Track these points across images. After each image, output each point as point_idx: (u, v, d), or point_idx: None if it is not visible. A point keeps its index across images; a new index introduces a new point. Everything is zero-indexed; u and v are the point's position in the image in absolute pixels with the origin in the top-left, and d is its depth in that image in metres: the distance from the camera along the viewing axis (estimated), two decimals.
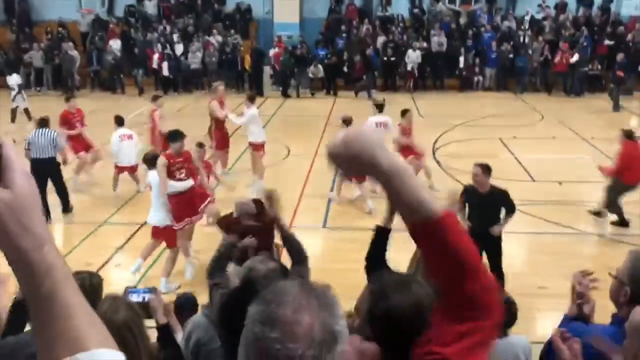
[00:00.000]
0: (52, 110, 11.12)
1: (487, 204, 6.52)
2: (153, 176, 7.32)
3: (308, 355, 1.05)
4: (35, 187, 0.85)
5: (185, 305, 4.68)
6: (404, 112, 10.22)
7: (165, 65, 20.52)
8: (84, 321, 0.81)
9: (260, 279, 2.86)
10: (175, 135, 7.34)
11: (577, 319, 2.61)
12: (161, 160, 7.17)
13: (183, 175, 7.23)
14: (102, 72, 21.56)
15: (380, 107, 10.48)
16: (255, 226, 5.33)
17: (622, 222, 8.72)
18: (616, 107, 17.14)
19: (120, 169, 10.31)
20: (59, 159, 9.49)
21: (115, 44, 21.68)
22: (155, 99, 11.42)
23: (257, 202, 6.01)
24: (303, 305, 1.09)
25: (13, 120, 15.82)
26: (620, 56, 18.34)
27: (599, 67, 20.22)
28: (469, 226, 6.31)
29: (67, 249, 7.94)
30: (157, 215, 7.28)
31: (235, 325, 2.43)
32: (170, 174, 7.12)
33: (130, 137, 10.29)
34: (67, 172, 9.86)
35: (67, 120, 10.82)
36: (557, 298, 6.39)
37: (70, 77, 20.97)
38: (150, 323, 3.06)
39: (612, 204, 8.67)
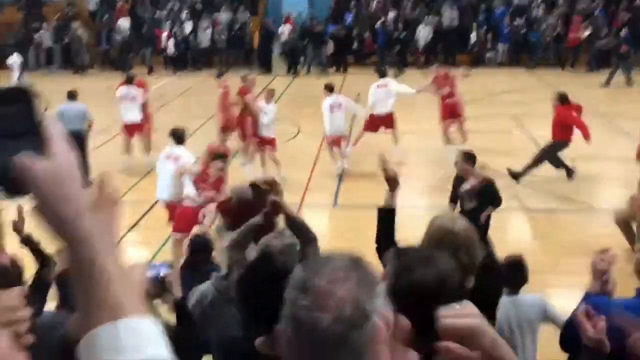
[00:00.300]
0: (61, 89, 11.12)
1: (478, 195, 6.42)
2: (181, 152, 7.34)
3: (334, 329, 1.05)
4: (75, 158, 0.86)
5: (199, 246, 4.78)
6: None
7: (171, 43, 20.41)
8: (124, 288, 0.83)
9: (276, 254, 2.86)
10: (220, 155, 7.25)
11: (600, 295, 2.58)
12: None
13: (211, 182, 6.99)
14: (112, 51, 21.53)
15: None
16: (254, 210, 5.30)
17: (569, 172, 9.23)
18: (628, 82, 16.86)
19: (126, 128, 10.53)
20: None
21: (124, 23, 21.60)
22: (220, 75, 11.68)
23: (254, 186, 5.99)
24: (340, 278, 1.09)
25: None
26: (624, 31, 18.02)
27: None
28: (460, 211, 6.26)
29: None
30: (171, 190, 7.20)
31: (251, 298, 2.43)
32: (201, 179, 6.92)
33: (133, 99, 10.55)
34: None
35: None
36: (571, 275, 6.37)
37: (80, 56, 20.96)
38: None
39: (553, 160, 9.21)
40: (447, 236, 2.54)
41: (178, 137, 7.59)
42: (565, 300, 5.84)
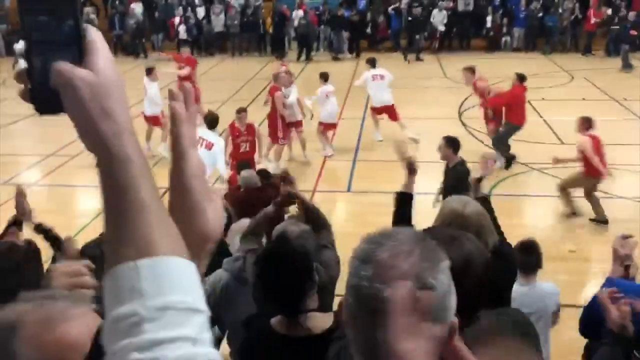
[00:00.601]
0: None
1: (449, 179, 6.44)
2: (212, 138, 7.70)
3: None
4: (120, 74, 0.79)
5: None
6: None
7: (182, 28, 20.36)
8: (155, 222, 0.74)
9: (294, 238, 2.86)
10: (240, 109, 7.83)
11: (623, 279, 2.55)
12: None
13: (247, 148, 7.72)
14: (125, 37, 21.54)
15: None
16: (261, 198, 5.32)
17: (509, 161, 9.29)
18: (627, 67, 16.61)
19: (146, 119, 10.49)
20: None
21: (137, 8, 21.57)
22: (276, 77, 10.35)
23: (262, 173, 6.01)
24: (404, 251, 1.08)
25: None
26: (632, 14, 17.67)
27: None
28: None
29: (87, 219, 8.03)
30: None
31: (269, 279, 2.44)
32: (235, 147, 7.53)
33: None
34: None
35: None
36: (588, 262, 6.33)
37: None
38: None
39: (500, 141, 9.29)
40: (457, 219, 2.52)
41: (210, 121, 7.80)
42: (584, 285, 5.81)
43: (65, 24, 0.76)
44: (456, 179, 6.20)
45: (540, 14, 19.90)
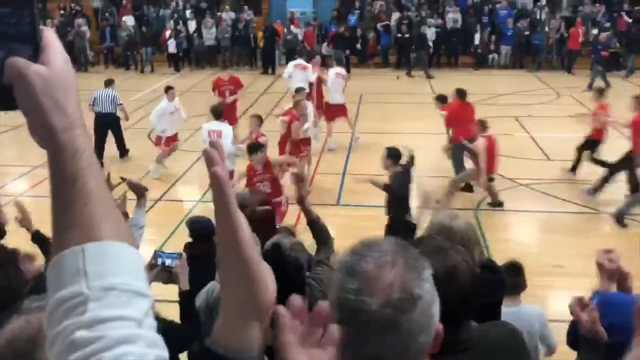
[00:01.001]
0: None
1: (389, 190, 6.60)
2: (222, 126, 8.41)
3: (381, 313, 1.04)
4: (73, 70, 0.83)
5: (198, 234, 4.30)
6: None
7: (172, 42, 20.37)
8: (102, 210, 0.77)
9: (287, 250, 2.88)
10: (255, 146, 7.27)
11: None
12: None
13: (267, 188, 7.12)
14: (116, 49, 21.56)
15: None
16: (250, 218, 5.28)
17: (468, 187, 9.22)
18: (589, 87, 16.84)
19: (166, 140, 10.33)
20: (120, 115, 10.92)
21: (129, 20, 21.63)
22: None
23: (253, 192, 5.99)
24: (388, 262, 1.07)
25: None
26: (604, 35, 18.06)
27: (617, 44, 19.83)
28: None
29: None
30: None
31: None
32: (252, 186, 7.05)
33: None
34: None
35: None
36: (572, 277, 6.39)
37: (83, 53, 20.98)
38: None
39: (457, 164, 9.25)
40: (445, 233, 2.55)
41: (217, 113, 8.81)
42: (569, 300, 5.87)
43: (21, 23, 0.78)
44: (394, 188, 6.45)
45: (527, 32, 20.22)
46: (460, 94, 9.46)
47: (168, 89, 10.55)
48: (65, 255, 0.74)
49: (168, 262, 3.19)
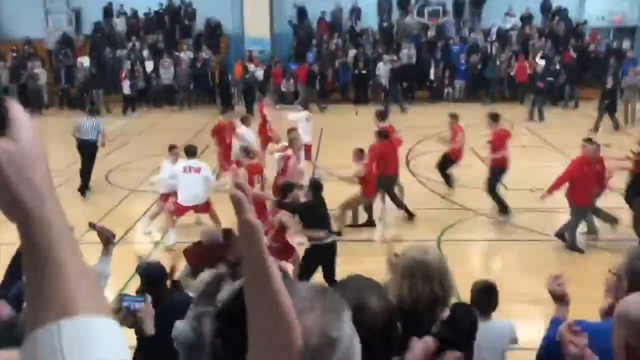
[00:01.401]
0: None
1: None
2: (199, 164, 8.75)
3: (303, 357, 1.04)
4: (40, 143, 0.81)
5: (151, 279, 4.16)
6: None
7: (126, 83, 20.17)
8: (76, 284, 0.75)
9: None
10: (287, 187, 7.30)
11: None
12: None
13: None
14: (71, 90, 21.27)
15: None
16: (221, 257, 5.26)
17: (410, 215, 9.41)
18: (540, 117, 17.68)
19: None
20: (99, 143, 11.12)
21: (85, 62, 21.43)
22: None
23: (226, 231, 5.91)
24: (306, 307, 1.09)
25: None
26: (540, 67, 18.98)
27: (565, 77, 20.66)
28: None
29: None
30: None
31: (230, 334, 2.37)
32: None
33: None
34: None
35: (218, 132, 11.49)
36: (537, 304, 6.45)
37: (37, 95, 20.61)
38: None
39: (392, 197, 9.52)
40: (419, 266, 2.55)
41: (192, 152, 8.98)
42: (535, 327, 5.92)
43: None
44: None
45: (479, 66, 20.89)
46: (381, 134, 9.60)
47: (172, 147, 9.53)
48: (40, 332, 0.72)
49: (133, 305, 3.11)
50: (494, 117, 9.94)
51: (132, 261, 7.50)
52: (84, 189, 10.95)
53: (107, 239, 3.78)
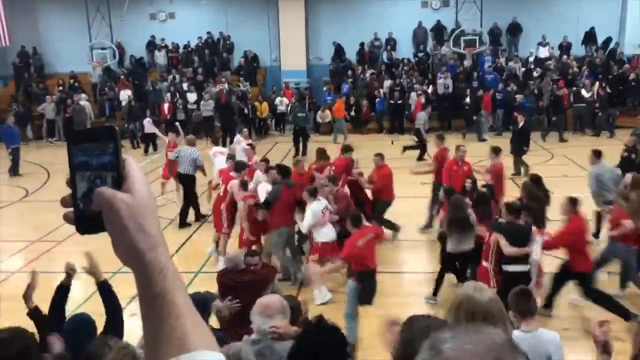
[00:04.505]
0: (63, 159, 11.25)
1: None
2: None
3: None
4: (153, 196, 0.91)
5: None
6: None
7: (178, 112, 20.88)
8: (190, 322, 0.84)
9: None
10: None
11: None
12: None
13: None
14: (115, 122, 21.89)
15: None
16: (243, 282, 5.34)
17: (395, 228, 10.01)
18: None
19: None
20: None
21: (127, 94, 22.07)
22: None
23: (254, 254, 5.99)
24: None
25: None
26: (519, 97, 18.96)
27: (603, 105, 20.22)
28: None
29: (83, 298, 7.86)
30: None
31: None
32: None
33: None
34: None
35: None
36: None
37: (82, 127, 21.28)
38: None
39: (381, 220, 9.83)
40: (467, 303, 2.52)
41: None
42: None
43: (106, 154, 0.87)
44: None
45: (517, 96, 20.68)
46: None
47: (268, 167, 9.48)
48: None
49: None
50: (496, 151, 10.28)
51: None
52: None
53: None
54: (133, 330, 6.70)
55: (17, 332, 2.72)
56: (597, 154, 9.75)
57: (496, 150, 10.23)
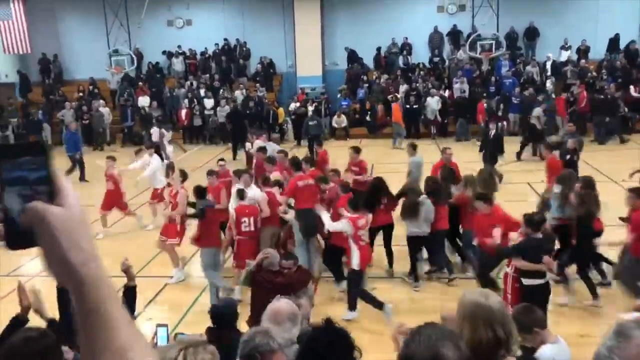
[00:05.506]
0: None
1: None
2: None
3: None
4: (83, 210, 0.90)
5: (222, 317, 4.30)
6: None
7: (195, 118, 21.08)
8: (127, 333, 0.85)
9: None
10: None
11: None
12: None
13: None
14: (134, 128, 22.10)
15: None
16: (275, 283, 5.38)
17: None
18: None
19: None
20: None
21: (145, 101, 22.30)
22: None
23: (289, 257, 6.04)
24: None
25: None
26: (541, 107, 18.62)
27: (626, 109, 19.98)
28: None
29: None
30: None
31: None
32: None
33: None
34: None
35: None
36: None
37: (101, 132, 21.57)
38: None
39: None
40: (481, 310, 2.53)
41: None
42: None
43: (38, 169, 0.88)
44: None
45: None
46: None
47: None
48: None
49: None
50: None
51: (186, 297, 7.60)
52: None
53: (132, 276, 3.98)
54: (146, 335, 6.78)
55: (44, 332, 2.92)
56: None
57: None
